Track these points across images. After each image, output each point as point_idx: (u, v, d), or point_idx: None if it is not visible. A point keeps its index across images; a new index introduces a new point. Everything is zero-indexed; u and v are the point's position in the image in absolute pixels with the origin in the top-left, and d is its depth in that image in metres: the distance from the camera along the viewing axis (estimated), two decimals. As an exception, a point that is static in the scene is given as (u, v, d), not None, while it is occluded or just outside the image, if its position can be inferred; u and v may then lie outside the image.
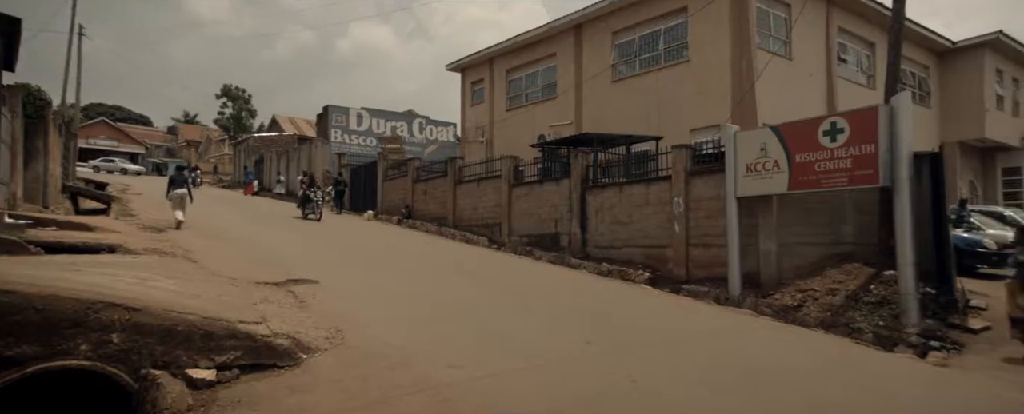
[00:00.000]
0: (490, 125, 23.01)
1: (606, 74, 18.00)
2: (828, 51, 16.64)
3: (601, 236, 12.90)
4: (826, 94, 16.40)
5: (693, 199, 10.68)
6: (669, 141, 12.87)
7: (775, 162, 8.91)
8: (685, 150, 11.01)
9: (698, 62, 15.38)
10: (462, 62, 24.47)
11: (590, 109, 18.40)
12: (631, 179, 13.01)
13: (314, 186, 17.52)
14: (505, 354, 5.39)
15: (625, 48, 17.85)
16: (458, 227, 17.16)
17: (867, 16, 17.36)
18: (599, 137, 14.74)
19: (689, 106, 15.14)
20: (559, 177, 14.77)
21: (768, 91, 14.16)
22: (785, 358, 6.25)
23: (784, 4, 15.63)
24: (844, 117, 8.36)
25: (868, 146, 7.86)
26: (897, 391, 5.38)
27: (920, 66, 20.05)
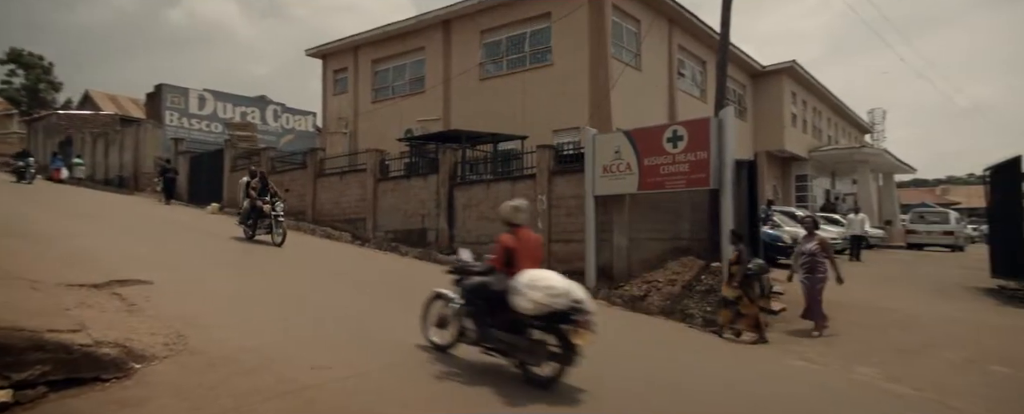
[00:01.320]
0: (355, 116, 22.06)
1: (474, 72, 18.26)
2: (670, 66, 18.64)
3: (468, 232, 13.10)
4: (668, 104, 18.37)
5: (556, 197, 11.33)
6: (534, 141, 13.47)
7: (627, 164, 9.79)
8: (549, 150, 11.62)
9: (560, 66, 16.28)
10: (324, 48, 23.12)
11: (458, 106, 18.53)
12: (498, 176, 13.40)
13: (271, 194, 11.91)
14: (376, 352, 5.27)
15: (493, 48, 18.25)
16: (319, 222, 16.25)
17: (700, 38, 19.76)
18: (467, 134, 14.93)
19: (552, 108, 15.96)
20: (427, 172, 14.69)
21: (621, 98, 15.47)
22: (633, 344, 6.95)
23: (635, 20, 17.17)
24: (683, 126, 9.46)
25: (702, 152, 8.99)
26: (713, 365, 6.32)
27: (739, 84, 23.32)
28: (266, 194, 11.82)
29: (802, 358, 6.73)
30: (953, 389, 5.68)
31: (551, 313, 4.46)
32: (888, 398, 5.47)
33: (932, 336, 7.80)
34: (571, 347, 4.45)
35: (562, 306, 4.45)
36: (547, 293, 4.46)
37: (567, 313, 4.45)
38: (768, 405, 5.05)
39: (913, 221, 21.95)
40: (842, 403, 5.33)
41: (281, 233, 11.34)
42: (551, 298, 4.45)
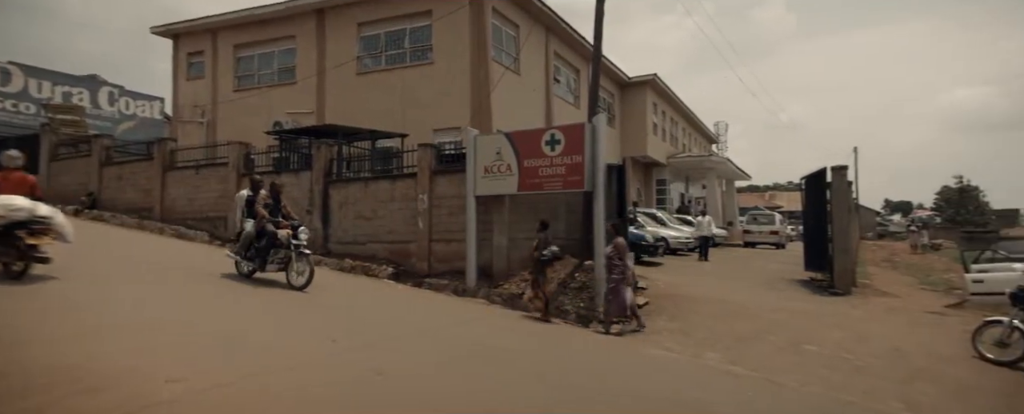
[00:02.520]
0: (213, 105, 20.03)
1: (351, 65, 17.52)
2: (547, 71, 19.42)
3: (344, 231, 12.57)
4: (545, 108, 19.13)
5: (437, 197, 11.28)
6: (414, 139, 13.28)
7: (508, 165, 10.06)
8: (430, 149, 11.53)
9: (441, 66, 16.22)
10: (176, 27, 20.67)
11: (334, 99, 17.66)
12: (377, 175, 13.01)
13: (283, 214, 8.61)
14: (238, 361, 4.86)
15: (371, 42, 17.66)
16: (169, 220, 14.56)
17: (575, 47, 20.86)
18: (344, 129, 14.29)
19: (433, 106, 15.85)
20: (299, 169, 13.83)
21: (501, 100, 15.81)
22: (513, 341, 7.18)
23: (514, 24, 17.64)
24: (561, 130, 9.94)
25: (577, 156, 9.52)
26: (583, 357, 6.75)
27: (608, 93, 25.00)
28: (278, 214, 8.52)
29: (660, 347, 7.43)
30: (778, 368, 6.64)
31: (12, 223, 6.27)
32: (730, 378, 6.24)
33: (762, 323, 9.02)
34: (31, 247, 6.32)
35: (23, 218, 6.31)
36: (7, 208, 6.25)
37: (27, 222, 6.33)
38: (635, 389, 5.51)
39: (748, 222, 25.23)
40: (694, 385, 5.97)
41: (307, 271, 8.08)
42: (11, 212, 6.26)
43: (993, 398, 5.95)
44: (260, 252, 8.30)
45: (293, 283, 8.12)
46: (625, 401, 5.01)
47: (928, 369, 6.85)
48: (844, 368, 6.78)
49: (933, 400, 5.75)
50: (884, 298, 12.14)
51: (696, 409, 5.02)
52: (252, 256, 8.41)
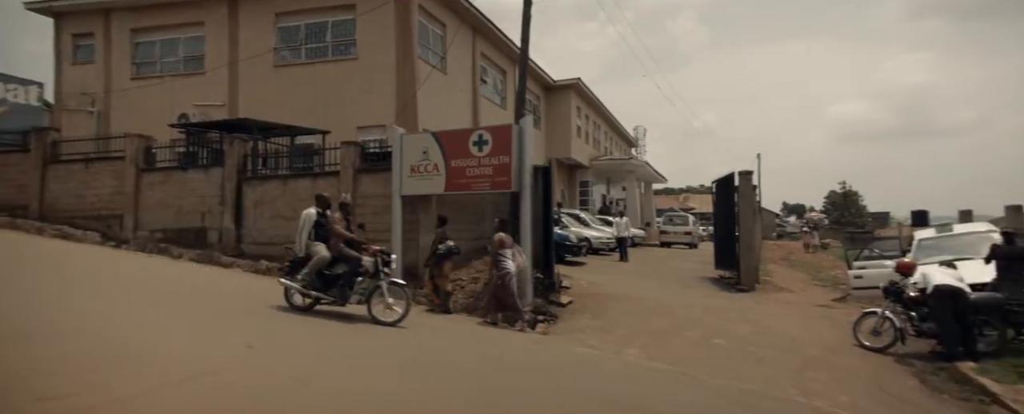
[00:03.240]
0: (106, 93, 18.25)
1: (268, 57, 16.62)
2: (474, 72, 19.44)
3: (260, 232, 11.93)
4: (472, 108, 19.13)
5: (361, 196, 10.97)
6: (337, 136, 12.84)
7: (435, 165, 9.97)
8: (354, 147, 11.21)
9: (366, 62, 15.78)
10: (57, 5, 18.62)
11: (249, 92, 16.66)
12: (297, 172, 12.47)
13: (361, 249, 7.49)
14: (140, 373, 4.48)
15: (290, 33, 16.86)
16: (50, 219, 13.17)
17: (502, 48, 21.02)
18: (260, 124, 13.54)
19: (357, 103, 15.39)
20: (209, 165, 13.00)
21: (427, 99, 15.64)
22: (438, 342, 7.14)
23: (441, 23, 17.51)
24: (488, 131, 9.99)
25: (504, 157, 9.61)
26: (509, 356, 6.85)
27: (534, 95, 25.42)
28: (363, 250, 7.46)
29: (584, 345, 7.66)
30: (691, 361, 7.06)
31: None
32: (649, 373, 6.56)
33: (677, 320, 9.55)
34: None
35: None
36: None
37: None
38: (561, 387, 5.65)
39: (664, 223, 26.60)
40: (616, 381, 6.22)
41: (402, 305, 7.19)
42: None
43: (868, 382, 6.64)
44: (338, 281, 7.19)
45: (380, 318, 7.10)
46: (552, 398, 5.13)
47: (819, 358, 7.54)
48: (748, 360, 7.32)
49: (823, 386, 6.34)
50: (782, 293, 13.23)
51: (617, 404, 5.23)
52: (321, 286, 7.28)
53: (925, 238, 11.27)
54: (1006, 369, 6.74)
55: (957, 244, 10.04)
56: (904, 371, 7.11)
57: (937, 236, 11.16)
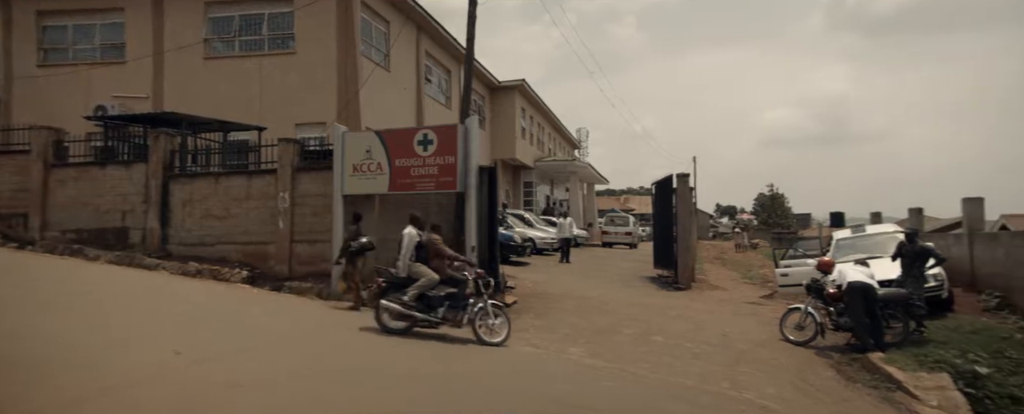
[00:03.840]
0: (7, 82, 16.70)
1: (198, 48, 15.73)
2: (418, 70, 19.18)
3: (189, 232, 11.28)
4: (416, 107, 18.87)
5: (300, 195, 10.59)
6: (274, 132, 12.31)
7: (379, 164, 9.76)
8: (293, 144, 10.81)
9: (305, 57, 15.24)
10: (-53, -18, 16.88)
11: (176, 85, 15.70)
12: (231, 170, 11.87)
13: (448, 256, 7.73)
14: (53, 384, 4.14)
15: (222, 24, 16.03)
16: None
17: (446, 47, 20.86)
18: (189, 119, 12.78)
19: (295, 99, 14.83)
20: (130, 160, 12.18)
21: (370, 97, 15.29)
22: (382, 343, 6.99)
23: (384, 20, 17.17)
24: (434, 130, 9.89)
25: (450, 157, 9.54)
26: (452, 355, 6.81)
27: (479, 96, 25.39)
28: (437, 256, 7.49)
29: (529, 344, 7.71)
30: (631, 358, 7.26)
31: None
32: (591, 371, 6.68)
33: (618, 318, 9.80)
34: None
35: None
36: None
37: None
38: (505, 386, 5.66)
39: (606, 224, 27.23)
40: (559, 379, 6.30)
41: (505, 327, 7.29)
42: None
43: (793, 374, 7.07)
44: (440, 303, 7.23)
45: (487, 340, 7.12)
46: (496, 398, 5.13)
47: (748, 352, 7.94)
48: (685, 355, 7.61)
49: (752, 379, 6.69)
50: (716, 291, 13.86)
51: (558, 401, 5.29)
52: (423, 308, 7.24)
53: (842, 238, 12.12)
54: (908, 358, 7.36)
55: (869, 244, 10.85)
56: (823, 363, 7.61)
57: (852, 236, 12.03)
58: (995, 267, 11.52)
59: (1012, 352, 7.68)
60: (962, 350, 7.62)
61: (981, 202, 13.24)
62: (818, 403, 6.10)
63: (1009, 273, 10.88)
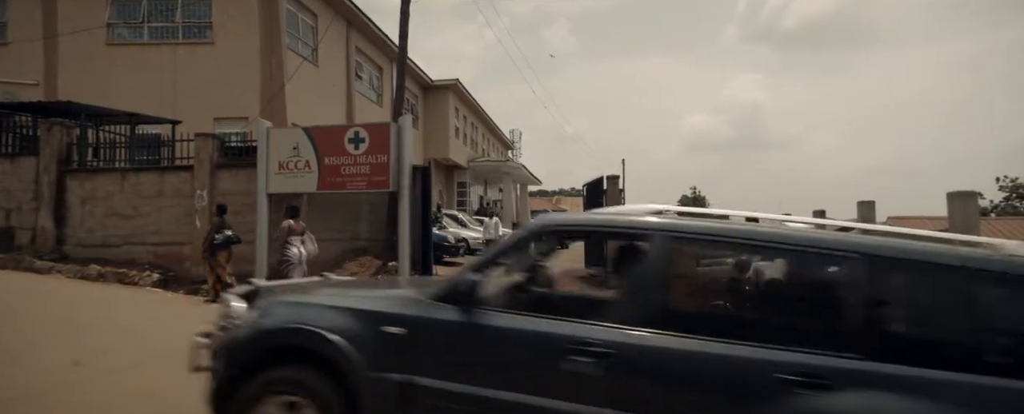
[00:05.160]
0: None
1: (99, 33, 14.43)
2: (348, 67, 18.61)
3: (90, 232, 10.35)
4: (346, 105, 18.31)
5: (220, 193, 9.99)
6: (190, 127, 11.51)
7: (306, 162, 9.38)
8: (212, 139, 10.20)
9: (224, 47, 14.37)
10: None
11: (73, 72, 14.30)
12: (141, 166, 11.00)
13: None
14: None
15: (128, 8, 14.81)
16: None
17: (378, 44, 20.39)
18: (89, 109, 11.68)
19: (214, 92, 13.94)
20: (17, 153, 11.00)
21: (297, 93, 14.66)
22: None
23: (312, 13, 16.53)
24: (365, 128, 9.63)
25: (382, 156, 9.32)
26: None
27: (413, 94, 24.99)
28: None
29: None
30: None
31: None
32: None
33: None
34: None
35: None
36: None
37: None
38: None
39: (538, 224, 27.57)
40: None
41: None
42: None
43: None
44: None
45: None
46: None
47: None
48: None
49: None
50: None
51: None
52: None
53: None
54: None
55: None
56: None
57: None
58: (884, 263, 12.73)
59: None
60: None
61: (873, 205, 14.64)
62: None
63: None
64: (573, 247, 10.49)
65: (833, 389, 2.23)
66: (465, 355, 2.73)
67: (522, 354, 2.64)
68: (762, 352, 2.36)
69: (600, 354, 2.48)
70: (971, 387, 2.16)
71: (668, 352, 2.45)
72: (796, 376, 2.27)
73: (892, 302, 2.49)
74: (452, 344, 2.74)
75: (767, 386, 2.29)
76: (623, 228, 2.94)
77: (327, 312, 2.87)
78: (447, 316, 2.74)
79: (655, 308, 2.59)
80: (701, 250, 2.95)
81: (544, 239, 3.19)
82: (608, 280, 3.07)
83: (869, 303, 2.39)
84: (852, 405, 2.21)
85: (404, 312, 2.81)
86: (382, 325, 2.77)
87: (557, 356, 2.52)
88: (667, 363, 2.45)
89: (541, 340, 2.59)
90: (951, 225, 9.55)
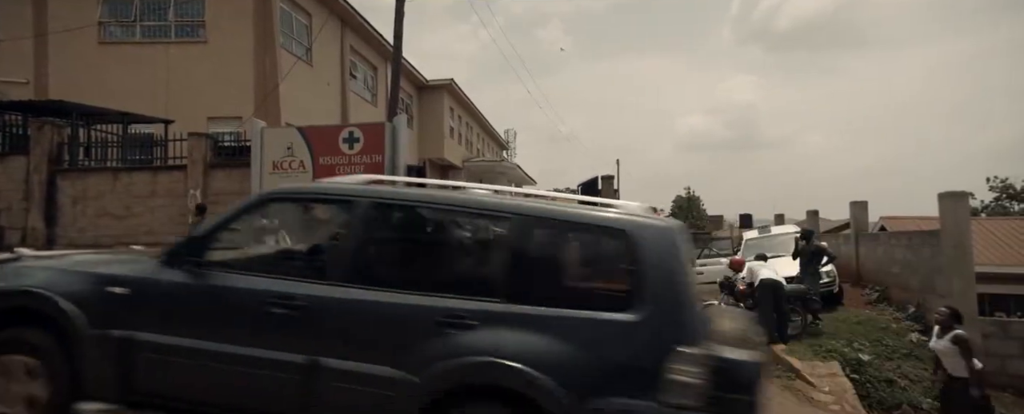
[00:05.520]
0: None
1: (91, 32, 14.31)
2: (342, 66, 18.54)
3: (81, 232, 10.28)
4: (341, 104, 18.24)
5: (214, 192, 9.95)
6: (183, 126, 11.46)
7: (301, 162, 9.36)
8: (205, 139, 10.15)
9: (218, 47, 14.29)
10: None
11: (63, 71, 14.17)
12: (133, 165, 10.94)
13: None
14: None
15: (120, 7, 14.68)
16: None
17: (372, 43, 20.33)
18: (81, 109, 11.60)
19: (207, 92, 13.85)
20: (6, 152, 10.91)
21: (291, 92, 14.60)
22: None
23: (306, 12, 16.46)
24: (360, 128, 9.62)
25: (377, 155, 9.31)
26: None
27: (407, 94, 24.94)
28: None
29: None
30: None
31: None
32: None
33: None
34: None
35: None
36: None
37: None
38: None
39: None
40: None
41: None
42: None
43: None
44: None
45: None
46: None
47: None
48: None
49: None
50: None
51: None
52: None
53: (751, 238, 13.06)
54: (805, 348, 8.07)
55: (775, 243, 11.77)
56: (734, 354, 8.16)
57: (759, 237, 13.00)
58: (876, 264, 12.88)
59: (888, 340, 8.65)
60: (849, 340, 8.47)
61: (865, 205, 14.75)
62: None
63: (886, 270, 12.20)
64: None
65: (475, 328, 2.65)
66: (182, 311, 2.96)
67: (232, 308, 2.91)
68: (427, 300, 2.75)
69: (298, 306, 2.78)
70: (576, 320, 2.63)
71: (352, 303, 2.79)
72: (448, 318, 2.68)
73: (530, 254, 2.86)
74: (170, 301, 2.97)
75: (425, 328, 2.68)
76: (332, 195, 3.24)
77: (59, 275, 3.07)
78: (169, 277, 2.97)
79: (349, 265, 2.92)
80: (398, 214, 3.26)
81: (266, 206, 3.43)
82: (320, 241, 3.42)
83: (513, 254, 2.82)
84: (484, 339, 2.63)
85: (129, 274, 3.02)
86: (107, 286, 2.98)
87: (263, 309, 2.80)
88: (351, 312, 2.79)
89: (249, 296, 2.86)
90: (942, 224, 9.65)
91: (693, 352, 2.52)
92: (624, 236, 2.76)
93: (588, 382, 2.54)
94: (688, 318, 2.64)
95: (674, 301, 2.65)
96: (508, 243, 2.85)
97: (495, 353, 2.60)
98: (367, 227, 3.03)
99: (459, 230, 3.16)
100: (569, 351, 2.56)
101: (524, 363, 2.54)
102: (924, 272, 10.53)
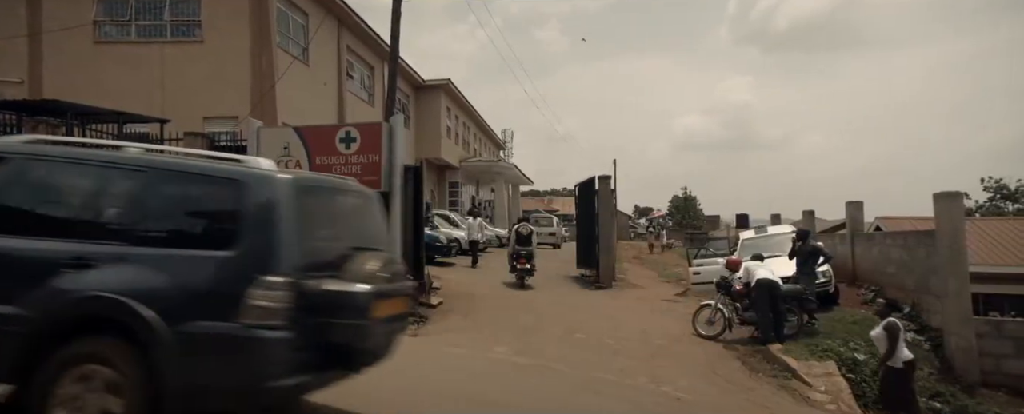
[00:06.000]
0: None
1: (86, 31, 14.26)
2: (339, 65, 18.51)
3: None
4: (337, 104, 18.21)
5: (208, 194, 9.88)
6: (179, 126, 11.42)
7: (297, 162, 9.31)
8: (201, 139, 10.12)
9: (214, 46, 14.26)
10: None
11: (59, 70, 14.13)
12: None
13: None
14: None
15: (115, 6, 14.64)
16: None
17: (369, 43, 20.29)
18: (76, 108, 11.51)
19: (203, 92, 13.82)
20: (3, 153, 10.75)
21: (288, 92, 14.56)
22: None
23: (303, 12, 16.43)
24: (357, 128, 9.56)
25: (374, 155, 9.26)
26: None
27: (404, 94, 24.91)
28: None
29: (454, 345, 7.68)
30: (554, 355, 7.42)
31: None
32: (515, 369, 6.77)
33: (542, 316, 9.98)
34: None
35: None
36: None
37: None
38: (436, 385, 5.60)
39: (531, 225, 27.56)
40: (483, 377, 6.32)
41: None
42: None
43: (704, 367, 7.55)
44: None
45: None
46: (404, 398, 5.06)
47: (665, 347, 8.38)
48: (606, 351, 7.90)
49: (669, 373, 7.06)
50: (635, 290, 14.47)
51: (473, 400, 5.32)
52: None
53: (747, 238, 13.08)
54: (802, 348, 8.09)
55: (771, 243, 11.79)
56: (731, 355, 8.17)
57: (756, 237, 13.02)
58: (871, 264, 12.92)
59: (885, 339, 8.64)
60: (845, 339, 8.50)
61: (861, 205, 14.79)
62: (726, 393, 6.55)
63: (882, 270, 12.24)
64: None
65: (93, 267, 3.13)
66: None
67: None
68: (60, 245, 3.22)
69: None
70: (179, 258, 3.14)
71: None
72: (71, 259, 3.14)
73: (151, 202, 3.34)
74: None
75: (52, 268, 3.13)
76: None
77: None
78: None
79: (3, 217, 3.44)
80: (42, 171, 3.59)
81: None
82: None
83: (136, 202, 3.31)
84: (98, 278, 3.10)
85: None
86: None
87: None
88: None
89: None
90: (937, 224, 9.69)
91: (276, 280, 2.95)
92: (237, 185, 3.23)
93: (181, 311, 2.97)
94: (279, 253, 3.04)
95: (268, 239, 3.08)
96: (133, 193, 3.32)
97: (101, 288, 3.04)
98: (14, 181, 3.47)
99: (95, 182, 3.50)
100: (169, 285, 3.03)
101: (126, 296, 2.98)
102: (919, 272, 10.57)
